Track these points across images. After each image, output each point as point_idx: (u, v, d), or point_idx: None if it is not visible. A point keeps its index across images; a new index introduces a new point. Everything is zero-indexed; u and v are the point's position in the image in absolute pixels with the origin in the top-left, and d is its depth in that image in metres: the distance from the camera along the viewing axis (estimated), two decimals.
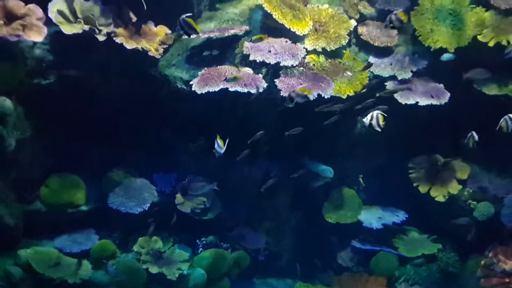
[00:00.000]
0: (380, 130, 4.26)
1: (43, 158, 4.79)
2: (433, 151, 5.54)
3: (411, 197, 5.56)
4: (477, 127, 4.67)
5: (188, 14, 4.16)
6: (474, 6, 5.10)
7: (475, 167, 5.46)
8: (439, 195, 5.35)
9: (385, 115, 4.26)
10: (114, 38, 4.55)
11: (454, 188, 5.35)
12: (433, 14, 5.13)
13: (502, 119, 4.42)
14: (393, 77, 5.07)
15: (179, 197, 5.07)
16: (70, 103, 4.58)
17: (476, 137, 4.60)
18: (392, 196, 5.68)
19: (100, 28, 4.51)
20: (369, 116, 4.28)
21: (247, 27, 4.99)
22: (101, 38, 4.49)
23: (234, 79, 4.40)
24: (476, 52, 5.01)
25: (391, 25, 4.29)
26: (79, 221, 4.91)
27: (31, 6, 4.26)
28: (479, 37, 4.97)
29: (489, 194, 5.32)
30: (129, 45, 4.57)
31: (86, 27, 4.43)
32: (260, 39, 4.62)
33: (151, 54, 4.68)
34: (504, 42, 4.85)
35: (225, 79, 4.43)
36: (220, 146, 4.23)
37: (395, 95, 4.91)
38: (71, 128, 4.65)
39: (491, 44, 4.90)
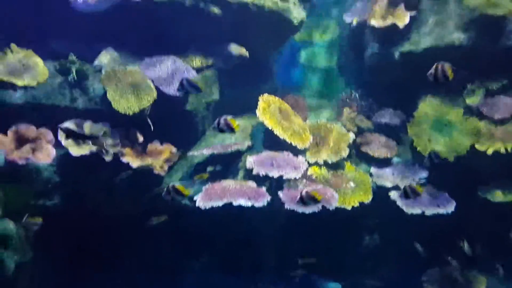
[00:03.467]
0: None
1: (43, 283, 4.63)
2: (446, 262, 5.33)
3: None
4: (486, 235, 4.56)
5: None
6: (468, 116, 5.29)
7: (491, 278, 5.21)
8: None
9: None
10: (121, 158, 4.68)
11: None
12: (429, 125, 5.31)
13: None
14: (396, 187, 5.09)
15: None
16: (73, 225, 4.56)
17: (466, 246, 4.50)
18: None
19: (108, 148, 4.67)
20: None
21: (250, 143, 5.16)
22: (108, 158, 4.64)
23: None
24: (475, 159, 5.08)
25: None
26: None
27: (43, 130, 4.47)
28: (476, 146, 5.08)
29: None
30: (135, 163, 4.69)
31: (94, 148, 4.58)
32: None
33: (156, 172, 4.78)
34: (502, 150, 4.94)
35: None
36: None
37: (401, 205, 4.88)
38: (73, 251, 4.57)
39: (489, 152, 4.99)
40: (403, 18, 5.45)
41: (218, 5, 5.35)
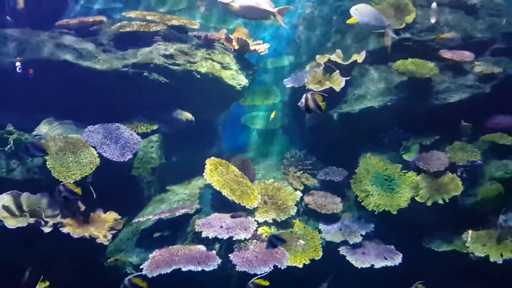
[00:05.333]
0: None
1: None
2: None
3: None
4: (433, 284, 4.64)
5: None
6: (405, 171, 5.55)
7: None
8: None
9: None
10: (60, 229, 4.47)
11: None
12: (370, 181, 5.51)
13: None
14: (345, 242, 5.14)
15: None
16: None
17: None
18: None
19: (47, 219, 4.46)
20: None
21: (198, 206, 5.10)
22: (46, 229, 4.41)
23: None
24: (416, 211, 5.28)
25: None
26: None
27: None
28: (416, 198, 5.29)
29: None
30: (76, 234, 4.48)
31: (32, 220, 4.36)
32: None
33: (99, 241, 4.57)
34: (440, 201, 5.17)
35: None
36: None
37: (350, 259, 4.92)
38: None
39: (428, 204, 5.20)
40: (339, 83, 5.80)
41: (163, 72, 5.48)
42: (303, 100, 3.92)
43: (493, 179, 5.30)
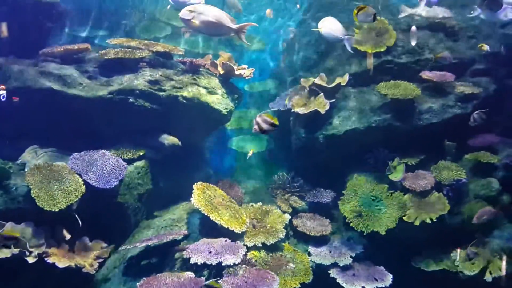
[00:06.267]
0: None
1: None
2: None
3: None
4: None
5: None
6: (392, 191, 5.59)
7: None
8: None
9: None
10: (45, 259, 4.36)
11: None
12: (358, 202, 5.53)
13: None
14: (335, 264, 5.11)
15: None
16: None
17: None
18: None
19: (31, 249, 4.36)
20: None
21: (186, 231, 5.04)
22: (31, 260, 4.30)
23: None
24: (405, 231, 5.29)
25: None
26: None
27: None
28: (404, 218, 5.31)
29: None
30: (62, 263, 4.38)
31: (16, 251, 4.25)
32: None
33: (86, 271, 4.48)
34: (428, 221, 5.20)
35: None
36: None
37: (341, 282, 4.89)
38: None
39: (416, 223, 5.23)
40: (323, 105, 5.87)
41: (148, 98, 5.48)
42: (255, 126, 4.03)
43: (478, 197, 5.37)
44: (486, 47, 5.84)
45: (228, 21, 4.50)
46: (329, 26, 5.14)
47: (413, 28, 5.85)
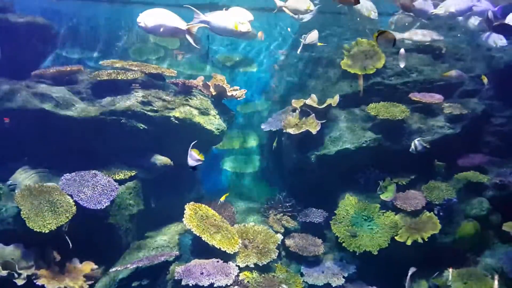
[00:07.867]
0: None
1: None
2: None
3: None
4: None
5: None
6: (384, 211, 5.61)
7: None
8: None
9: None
10: (35, 281, 4.30)
11: None
12: (350, 221, 5.53)
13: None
14: (327, 285, 5.08)
15: None
16: None
17: None
18: None
19: (20, 271, 4.29)
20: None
21: (177, 252, 5.00)
22: (20, 282, 4.24)
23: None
24: (397, 250, 5.29)
25: None
26: None
27: None
28: (396, 238, 5.32)
29: None
30: (51, 285, 4.32)
31: (5, 273, 4.19)
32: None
33: None
34: (419, 240, 5.21)
35: None
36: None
37: None
38: None
39: (408, 242, 5.23)
40: (315, 126, 5.92)
41: (140, 119, 5.51)
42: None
43: (469, 217, 5.40)
44: (486, 80, 5.98)
45: (178, 22, 4.55)
46: (310, 38, 6.03)
47: (402, 50, 5.97)
